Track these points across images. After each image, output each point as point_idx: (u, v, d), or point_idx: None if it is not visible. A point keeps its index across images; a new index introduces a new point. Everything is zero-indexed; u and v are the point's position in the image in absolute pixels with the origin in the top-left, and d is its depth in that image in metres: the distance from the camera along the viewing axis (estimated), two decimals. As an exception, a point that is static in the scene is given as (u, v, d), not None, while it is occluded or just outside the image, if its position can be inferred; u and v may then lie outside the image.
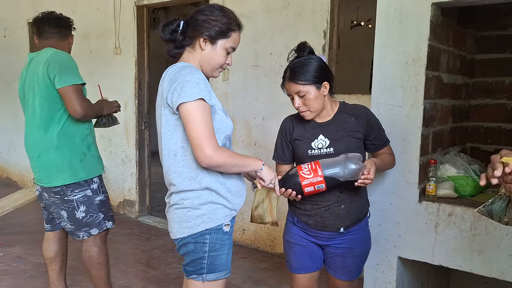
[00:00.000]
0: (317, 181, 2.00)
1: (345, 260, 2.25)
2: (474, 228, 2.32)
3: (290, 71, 2.12)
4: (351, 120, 2.19)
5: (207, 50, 1.94)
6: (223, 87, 4.69)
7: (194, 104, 1.77)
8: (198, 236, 1.90)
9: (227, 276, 1.98)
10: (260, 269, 4.10)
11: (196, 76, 1.83)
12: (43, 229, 3.14)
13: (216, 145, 1.80)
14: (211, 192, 1.90)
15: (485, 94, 3.21)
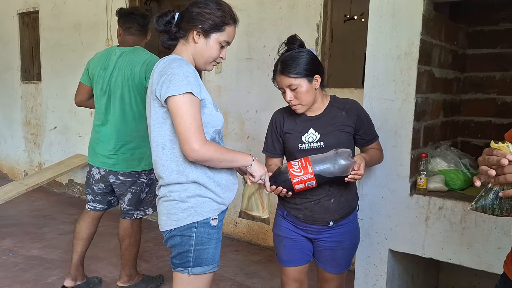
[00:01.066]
0: (307, 178, 2.01)
1: (334, 253, 2.26)
2: (464, 221, 2.34)
3: (281, 64, 2.11)
4: (342, 114, 2.19)
5: (200, 43, 1.93)
6: (216, 80, 4.68)
7: (182, 98, 1.76)
8: (184, 229, 1.90)
9: (214, 270, 1.98)
10: (253, 262, 4.12)
11: (186, 69, 1.82)
12: (34, 221, 3.14)
13: (204, 139, 1.78)
14: (198, 185, 1.89)
15: (476, 88, 3.24)
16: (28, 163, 7.12)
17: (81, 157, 6.18)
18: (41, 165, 6.92)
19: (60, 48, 6.38)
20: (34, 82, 6.93)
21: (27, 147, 7.14)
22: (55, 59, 6.47)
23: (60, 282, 3.59)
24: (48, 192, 6.70)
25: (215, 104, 1.98)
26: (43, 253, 4.22)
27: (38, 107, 6.88)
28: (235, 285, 3.64)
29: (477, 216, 2.30)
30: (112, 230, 4.97)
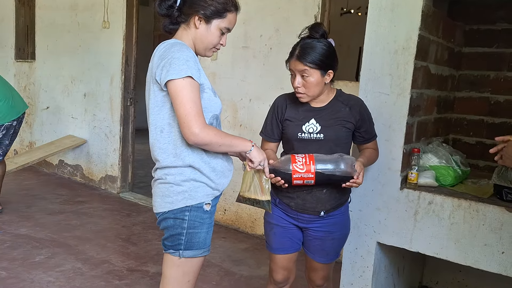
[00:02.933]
0: (307, 176, 2.03)
1: (323, 243, 2.28)
2: (452, 217, 2.37)
3: (301, 49, 2.09)
4: (345, 110, 2.20)
5: (201, 29, 1.93)
6: (211, 67, 4.67)
7: (182, 81, 1.77)
8: (178, 212, 1.91)
9: (204, 255, 1.98)
10: (240, 249, 4.14)
11: (186, 53, 1.81)
12: (23, 200, 3.14)
13: (204, 123, 1.79)
14: (194, 170, 1.90)
15: (470, 87, 3.26)
16: (19, 142, 7.08)
17: (73, 138, 6.16)
18: (31, 144, 6.89)
19: (55, 28, 6.33)
20: (28, 61, 6.88)
21: (18, 126, 7.09)
22: (50, 39, 6.42)
23: (48, 261, 3.60)
24: (37, 172, 6.67)
25: (213, 90, 1.98)
26: (32, 232, 4.22)
27: (31, 86, 6.83)
28: (222, 271, 3.67)
29: (466, 213, 2.33)
30: (101, 213, 4.99)
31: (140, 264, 3.69)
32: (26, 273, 3.40)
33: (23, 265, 3.52)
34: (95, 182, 6.08)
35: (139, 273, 3.53)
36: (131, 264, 3.67)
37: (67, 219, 4.65)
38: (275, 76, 4.18)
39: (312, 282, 2.43)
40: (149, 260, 3.76)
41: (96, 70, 5.90)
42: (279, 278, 2.37)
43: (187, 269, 1.96)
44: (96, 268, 3.57)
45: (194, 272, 1.99)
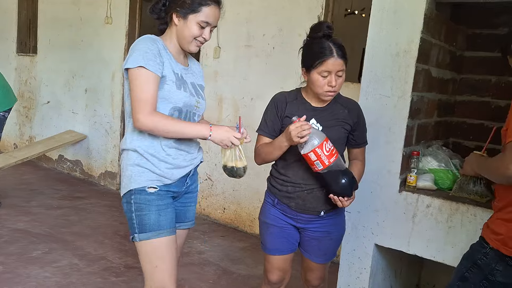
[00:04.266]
0: (323, 161, 1.99)
1: (320, 243, 2.28)
2: (450, 220, 2.37)
3: (337, 47, 2.06)
4: (344, 112, 2.20)
5: (179, 24, 2.01)
6: (214, 65, 4.67)
7: (136, 71, 1.90)
8: (127, 196, 2.01)
9: (161, 237, 1.98)
10: (238, 248, 4.14)
11: (148, 46, 1.93)
12: (21, 195, 3.14)
13: (149, 110, 1.89)
14: (139, 155, 2.00)
15: (471, 91, 3.25)
16: (19, 136, 7.08)
17: (73, 133, 6.16)
18: (32, 138, 6.89)
19: (58, 22, 6.33)
20: (29, 55, 6.88)
21: (19, 120, 7.10)
22: (52, 33, 6.42)
23: (45, 256, 3.60)
24: (37, 166, 6.68)
25: (184, 85, 2.04)
26: (29, 227, 4.22)
27: (32, 80, 6.83)
28: (220, 270, 3.67)
29: (463, 217, 2.33)
30: (99, 209, 4.99)
31: (137, 261, 3.61)
32: (23, 268, 3.40)
33: (20, 260, 3.52)
34: (94, 178, 6.08)
35: (136, 270, 3.53)
36: (128, 261, 3.68)
37: (65, 215, 4.65)
38: (277, 75, 4.17)
39: (308, 283, 2.42)
40: (146, 257, 3.76)
41: (97, 65, 5.90)
42: (275, 279, 2.37)
43: (150, 254, 2.00)
44: (93, 265, 3.57)
45: (160, 257, 2.00)
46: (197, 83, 2.17)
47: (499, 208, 1.87)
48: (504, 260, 1.81)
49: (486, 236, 1.88)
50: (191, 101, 2.07)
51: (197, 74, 2.23)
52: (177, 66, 2.05)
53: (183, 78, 2.06)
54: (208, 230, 4.57)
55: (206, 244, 4.19)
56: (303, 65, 2.14)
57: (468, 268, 1.91)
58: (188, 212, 2.26)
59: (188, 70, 2.14)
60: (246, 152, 2.03)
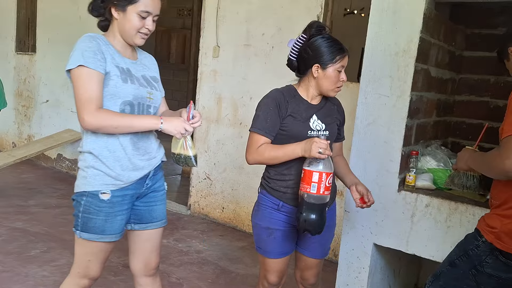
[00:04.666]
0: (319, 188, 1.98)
1: (322, 237, 2.25)
2: (449, 220, 2.37)
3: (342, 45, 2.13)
4: (334, 108, 2.26)
5: (119, 18, 1.98)
6: (212, 64, 4.67)
7: (76, 71, 1.87)
8: (78, 195, 2.01)
9: (103, 241, 2.02)
10: (237, 248, 4.14)
11: (86, 44, 1.90)
12: (20, 194, 3.14)
13: (93, 109, 1.86)
14: (94, 157, 1.98)
15: (470, 90, 3.26)
16: (17, 135, 7.08)
17: (72, 132, 6.15)
18: (30, 137, 6.88)
19: (57, 21, 6.32)
20: (28, 54, 6.87)
21: (17, 119, 7.09)
22: (52, 32, 6.41)
23: (44, 255, 3.59)
24: (36, 165, 6.67)
25: (130, 78, 2.01)
26: (28, 226, 4.22)
27: (31, 79, 6.82)
28: (218, 269, 3.67)
29: (462, 216, 2.34)
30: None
31: (136, 260, 3.68)
32: (21, 267, 3.40)
33: (18, 259, 3.52)
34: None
35: (135, 269, 3.53)
36: (126, 260, 3.62)
37: (64, 214, 4.64)
38: (276, 75, 4.16)
39: (306, 281, 2.41)
40: (145, 256, 3.76)
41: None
42: (276, 280, 2.34)
43: (87, 250, 2.05)
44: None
45: (95, 254, 2.05)
46: (149, 75, 2.13)
47: (497, 205, 1.90)
48: (494, 254, 1.87)
49: (481, 228, 1.93)
50: (142, 92, 2.03)
51: (149, 67, 2.18)
52: (123, 60, 2.01)
53: (130, 72, 2.02)
54: (207, 229, 4.56)
55: (204, 243, 4.19)
56: (318, 61, 2.11)
57: (459, 255, 1.99)
58: (155, 212, 2.20)
59: (138, 63, 2.10)
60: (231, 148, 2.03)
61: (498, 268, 1.88)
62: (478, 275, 1.92)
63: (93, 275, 2.11)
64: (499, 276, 1.89)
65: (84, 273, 2.09)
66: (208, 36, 4.69)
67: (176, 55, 11.09)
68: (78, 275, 2.10)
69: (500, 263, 1.87)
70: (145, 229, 2.18)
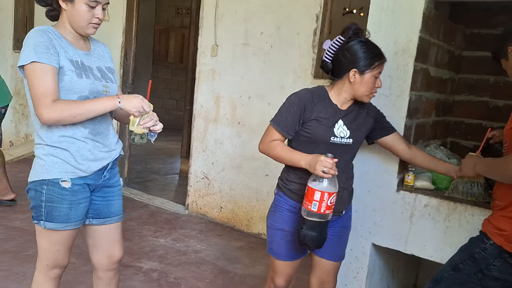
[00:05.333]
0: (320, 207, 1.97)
1: (340, 239, 2.29)
2: (448, 220, 2.37)
3: (380, 51, 2.11)
4: (364, 113, 2.21)
5: (68, 9, 1.96)
6: (211, 63, 4.66)
7: (30, 67, 1.86)
8: (38, 185, 1.98)
9: (68, 229, 2.02)
10: (235, 248, 4.13)
11: (37, 39, 1.88)
12: (17, 192, 3.11)
13: (48, 103, 1.84)
14: (53, 147, 1.97)
15: (469, 90, 3.25)
16: (15, 134, 7.05)
17: (69, 131, 6.12)
18: (27, 136, 6.86)
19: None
20: (26, 52, 6.84)
21: (15, 118, 7.07)
22: (49, 31, 6.39)
23: (41, 254, 3.57)
24: (33, 164, 6.64)
25: (87, 72, 1.99)
26: (26, 225, 4.20)
27: (28, 78, 6.79)
28: (216, 269, 3.66)
29: (461, 216, 2.33)
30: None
31: (133, 260, 3.67)
32: (19, 266, 3.38)
33: (16, 258, 3.50)
34: (91, 176, 6.05)
35: (133, 269, 3.51)
36: (124, 260, 3.65)
37: (62, 213, 4.62)
38: (275, 74, 4.16)
39: (323, 286, 2.36)
40: (143, 256, 3.75)
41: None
42: (282, 284, 2.32)
43: (54, 239, 2.04)
44: (89, 263, 3.50)
45: (63, 243, 2.06)
46: (104, 66, 2.12)
47: (502, 207, 1.89)
48: (503, 257, 1.85)
49: (488, 231, 1.91)
50: (97, 86, 2.01)
51: (103, 56, 2.16)
52: (76, 53, 1.99)
53: (84, 65, 2.00)
54: (205, 229, 4.55)
55: (202, 243, 4.18)
56: (355, 66, 2.07)
57: (464, 260, 1.96)
58: (112, 207, 2.21)
59: (91, 55, 2.08)
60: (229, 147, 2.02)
61: (505, 271, 1.86)
62: (484, 279, 1.89)
63: (64, 263, 2.12)
64: (506, 279, 1.87)
65: (53, 264, 2.09)
66: (206, 35, 4.68)
67: (175, 54, 11.07)
68: (47, 268, 2.10)
69: (508, 266, 1.85)
70: (103, 224, 2.20)
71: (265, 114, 4.05)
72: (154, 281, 3.35)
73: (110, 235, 2.23)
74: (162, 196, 5.52)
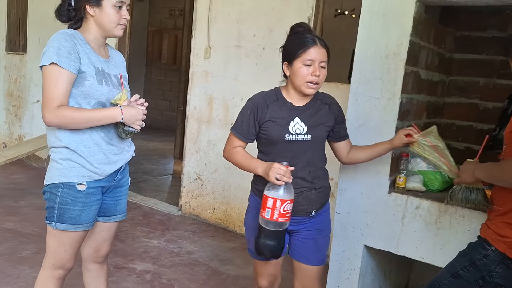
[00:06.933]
0: (273, 214, 2.00)
1: (317, 242, 2.26)
2: (439, 222, 2.39)
3: (319, 39, 2.10)
4: (325, 109, 2.21)
5: (96, 14, 2.01)
6: (204, 65, 4.67)
7: (48, 68, 1.91)
8: (53, 187, 2.03)
9: (79, 230, 2.08)
10: (228, 249, 4.15)
11: (61, 42, 1.93)
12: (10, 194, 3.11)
13: (54, 107, 1.90)
14: (70, 150, 2.01)
15: (459, 93, 3.28)
16: (8, 135, 7.03)
17: (62, 133, 6.11)
18: (21, 137, 6.84)
19: (48, 21, 6.27)
20: (19, 53, 6.83)
21: (8, 119, 7.05)
22: (42, 32, 6.37)
23: (35, 256, 3.58)
24: (26, 165, 6.63)
25: (107, 79, 2.05)
26: (19, 227, 4.20)
27: (21, 79, 6.78)
28: (209, 270, 3.67)
29: (452, 218, 2.36)
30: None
31: (127, 261, 3.68)
32: (12, 268, 3.38)
33: (9, 260, 3.50)
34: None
35: (126, 270, 3.52)
36: (118, 261, 3.67)
37: (55, 214, 4.62)
38: (268, 76, 4.18)
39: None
40: (136, 258, 3.76)
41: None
42: (265, 284, 2.34)
43: (63, 240, 2.09)
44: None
45: (71, 244, 2.11)
46: (121, 73, 2.18)
47: (502, 213, 1.88)
48: (505, 263, 1.84)
49: (489, 237, 1.89)
50: (114, 94, 2.07)
51: (119, 64, 2.23)
52: (98, 60, 2.05)
53: (104, 72, 2.06)
54: (198, 230, 4.56)
55: (195, 244, 4.19)
56: (285, 59, 2.14)
57: (465, 266, 1.94)
58: (119, 206, 2.30)
59: (110, 62, 2.14)
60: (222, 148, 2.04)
61: (508, 278, 1.85)
62: (485, 286, 1.88)
63: (69, 266, 2.17)
64: (508, 286, 1.86)
65: (59, 264, 2.13)
66: (199, 37, 4.70)
67: (168, 55, 11.07)
68: (52, 267, 2.14)
69: (510, 272, 1.84)
70: (107, 221, 2.27)
71: (258, 116, 4.08)
72: (147, 283, 3.36)
73: (106, 232, 2.31)
74: (155, 197, 5.52)
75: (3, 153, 5.64)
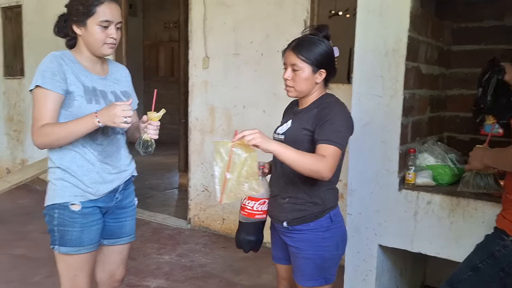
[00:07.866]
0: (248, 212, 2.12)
1: (295, 260, 2.08)
2: (452, 216, 2.37)
3: (298, 42, 2.02)
4: (313, 112, 2.01)
5: (83, 33, 1.98)
6: (203, 75, 4.66)
7: (34, 92, 1.91)
8: (50, 209, 2.02)
9: (81, 253, 2.02)
10: (240, 258, 4.11)
11: (46, 64, 1.92)
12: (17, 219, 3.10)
13: (37, 128, 1.88)
14: (63, 171, 1.99)
15: (460, 84, 3.27)
16: (11, 160, 7.03)
17: (66, 154, 6.10)
18: (24, 162, 6.84)
19: (44, 44, 6.27)
20: (17, 78, 6.83)
21: (10, 144, 7.04)
22: (39, 55, 6.35)
23: (46, 280, 3.55)
24: (31, 189, 6.61)
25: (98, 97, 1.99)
26: (28, 252, 4.17)
27: (21, 103, 6.78)
28: (223, 282, 3.64)
29: (465, 211, 2.34)
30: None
31: (140, 279, 3.65)
32: (25, 293, 3.36)
33: (21, 286, 3.48)
34: (90, 197, 6.02)
35: (140, 287, 3.50)
36: (131, 279, 3.64)
37: (64, 236, 4.60)
38: (268, 82, 4.17)
39: None
40: (149, 275, 3.73)
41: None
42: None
43: (70, 264, 2.04)
44: (96, 286, 3.53)
45: (79, 267, 2.04)
46: (120, 90, 2.11)
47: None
48: None
49: (506, 228, 1.87)
50: None
51: (120, 80, 2.16)
52: (90, 78, 1.99)
53: (96, 90, 1.99)
54: (209, 242, 4.54)
55: (207, 256, 4.16)
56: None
57: (483, 259, 1.91)
58: (124, 228, 2.22)
59: (108, 79, 2.09)
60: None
61: None
62: (506, 277, 1.85)
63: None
64: None
65: None
66: (196, 48, 4.69)
67: (165, 68, 11.08)
68: None
69: None
70: (114, 244, 2.21)
71: (261, 121, 4.06)
72: (162, 299, 3.34)
73: (117, 255, 2.24)
74: (163, 212, 5.50)
75: (8, 178, 5.64)
